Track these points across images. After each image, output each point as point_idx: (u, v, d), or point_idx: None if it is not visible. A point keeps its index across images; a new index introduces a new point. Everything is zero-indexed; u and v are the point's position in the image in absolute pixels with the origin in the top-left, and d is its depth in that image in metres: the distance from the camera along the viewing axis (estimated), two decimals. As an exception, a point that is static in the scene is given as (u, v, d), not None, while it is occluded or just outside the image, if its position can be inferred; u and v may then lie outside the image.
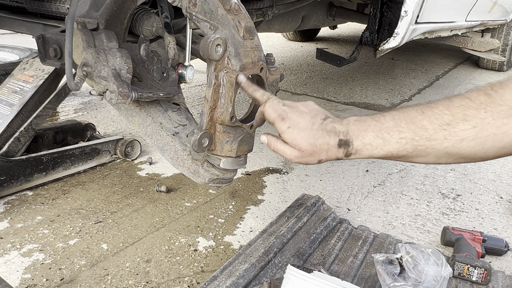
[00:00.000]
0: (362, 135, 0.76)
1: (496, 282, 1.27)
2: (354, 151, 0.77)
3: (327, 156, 0.79)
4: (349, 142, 0.77)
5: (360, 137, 0.76)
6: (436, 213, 1.76)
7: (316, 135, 0.78)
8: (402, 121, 0.73)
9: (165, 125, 1.05)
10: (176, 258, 1.41)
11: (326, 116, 0.81)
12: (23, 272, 1.31)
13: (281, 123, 0.80)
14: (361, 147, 0.76)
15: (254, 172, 2.06)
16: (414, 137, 0.71)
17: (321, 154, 0.79)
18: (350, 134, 0.77)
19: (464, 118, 0.67)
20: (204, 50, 0.85)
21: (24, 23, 1.54)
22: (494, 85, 0.66)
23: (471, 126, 0.66)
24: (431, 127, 0.70)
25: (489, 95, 0.66)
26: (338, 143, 0.78)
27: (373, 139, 0.75)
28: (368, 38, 1.90)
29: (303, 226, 1.44)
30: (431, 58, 5.05)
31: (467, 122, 0.66)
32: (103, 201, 1.73)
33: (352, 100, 3.31)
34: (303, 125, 0.79)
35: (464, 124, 0.67)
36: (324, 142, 0.78)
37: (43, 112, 1.77)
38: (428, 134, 0.70)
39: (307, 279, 0.86)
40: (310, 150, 0.79)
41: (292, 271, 0.88)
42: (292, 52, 5.04)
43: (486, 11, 3.05)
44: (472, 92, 0.68)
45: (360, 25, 3.03)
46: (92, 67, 0.91)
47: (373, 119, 0.77)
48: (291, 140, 0.80)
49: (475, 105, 0.66)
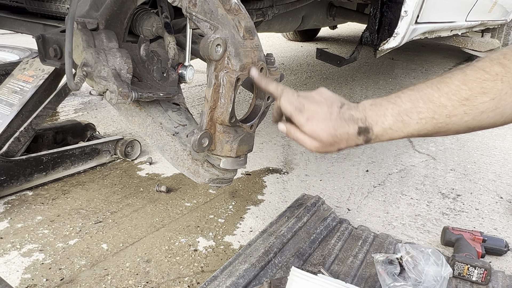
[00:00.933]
0: (382, 120, 0.75)
1: (496, 282, 1.27)
2: (374, 137, 0.77)
3: (347, 144, 0.79)
4: (369, 128, 0.76)
5: (379, 122, 0.75)
6: (436, 213, 1.76)
7: (335, 125, 0.77)
8: (420, 101, 0.72)
9: (165, 125, 1.05)
10: (176, 258, 1.41)
11: (342, 103, 0.80)
12: (23, 272, 1.31)
13: (299, 115, 0.79)
14: (381, 132, 0.76)
15: (254, 172, 2.06)
16: (434, 116, 0.71)
17: (341, 143, 0.79)
18: (368, 120, 0.76)
19: (482, 91, 0.66)
20: (204, 50, 0.85)
21: (24, 23, 1.53)
22: (506, 53, 0.67)
23: (490, 98, 0.66)
24: (450, 104, 0.69)
25: (503, 64, 0.66)
26: (357, 131, 0.77)
27: (393, 123, 0.74)
28: (368, 38, 1.90)
29: (303, 226, 1.44)
30: (431, 58, 5.05)
31: (485, 95, 0.66)
32: (103, 201, 1.73)
33: (352, 100, 3.30)
34: (321, 115, 0.78)
35: (482, 97, 0.66)
36: (344, 131, 0.77)
37: (43, 112, 1.77)
38: (447, 111, 0.69)
39: (310, 279, 0.86)
40: (330, 141, 0.78)
41: (296, 273, 0.89)
42: (292, 52, 5.04)
43: (486, 11, 3.05)
44: (485, 62, 0.68)
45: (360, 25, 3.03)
46: (92, 67, 0.91)
47: (389, 102, 0.75)
48: (311, 132, 0.79)
49: (491, 76, 0.66)
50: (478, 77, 0.67)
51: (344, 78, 3.97)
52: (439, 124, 0.71)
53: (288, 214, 1.50)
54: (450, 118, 0.70)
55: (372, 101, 0.78)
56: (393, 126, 0.74)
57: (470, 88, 0.67)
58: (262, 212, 1.72)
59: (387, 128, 0.75)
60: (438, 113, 0.70)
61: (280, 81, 1.02)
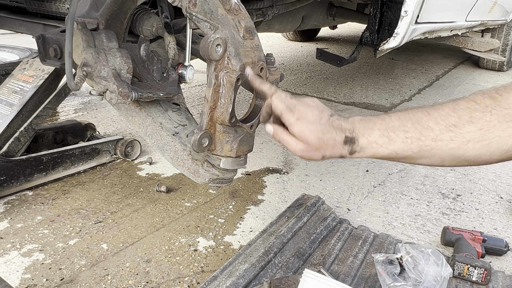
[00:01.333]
0: (368, 133, 0.76)
1: (496, 282, 1.27)
2: (359, 149, 0.77)
3: (331, 152, 0.79)
4: (355, 139, 0.77)
5: (365, 134, 0.76)
6: (436, 213, 1.76)
7: (324, 129, 0.78)
8: (408, 121, 0.73)
9: (165, 125, 1.05)
10: (176, 258, 1.41)
11: (332, 113, 0.81)
12: (23, 272, 1.31)
13: (289, 114, 0.80)
14: (366, 145, 0.76)
15: (254, 172, 2.06)
16: (420, 137, 0.71)
17: (326, 150, 0.79)
18: (355, 131, 0.77)
19: (470, 120, 0.67)
20: (204, 50, 0.85)
21: (24, 23, 1.54)
22: (499, 89, 0.67)
23: (477, 128, 0.66)
24: (437, 128, 0.70)
25: (494, 98, 0.66)
26: (344, 140, 0.77)
27: (379, 137, 0.75)
28: (368, 38, 1.90)
29: (303, 226, 1.44)
30: (431, 58, 5.05)
31: (473, 124, 0.67)
32: (103, 201, 1.73)
33: (352, 100, 3.31)
34: (311, 118, 0.79)
35: (470, 126, 0.67)
36: (331, 137, 0.78)
37: (43, 112, 1.77)
38: (434, 135, 0.70)
39: (321, 280, 0.88)
40: (317, 144, 0.78)
41: (308, 274, 0.91)
42: (292, 52, 5.04)
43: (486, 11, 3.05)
44: (477, 95, 0.69)
45: (360, 25, 3.03)
46: (92, 67, 0.91)
47: (378, 118, 0.77)
48: (299, 132, 0.79)
49: (480, 107, 0.67)
50: (468, 107, 0.68)
51: (344, 78, 3.97)
52: (425, 147, 0.71)
53: (288, 214, 1.50)
54: (436, 142, 0.70)
55: (362, 117, 0.80)
56: (378, 140, 0.75)
57: (459, 115, 0.68)
58: (262, 212, 1.72)
59: (372, 142, 0.76)
60: (424, 135, 0.71)
61: (280, 81, 1.02)
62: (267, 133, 0.85)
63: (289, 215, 1.49)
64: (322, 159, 0.81)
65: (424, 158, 0.73)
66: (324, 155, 0.80)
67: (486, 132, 0.66)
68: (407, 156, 0.74)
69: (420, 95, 3.54)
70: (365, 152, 0.77)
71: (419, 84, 3.91)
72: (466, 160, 0.70)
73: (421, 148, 0.72)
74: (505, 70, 4.49)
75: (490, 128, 0.66)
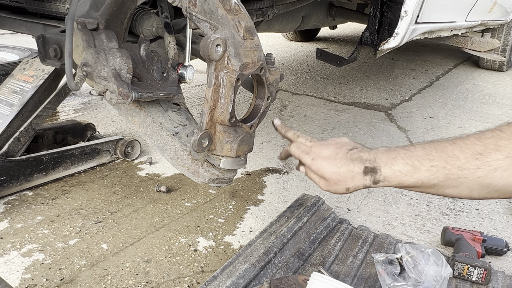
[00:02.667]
0: (391, 162, 0.76)
1: (496, 282, 1.27)
2: (382, 178, 0.77)
3: (353, 184, 0.80)
4: (376, 169, 0.77)
5: (388, 164, 0.76)
6: (436, 213, 1.76)
7: (339, 163, 0.80)
8: (433, 149, 0.73)
9: (165, 125, 1.05)
10: (176, 258, 1.41)
11: (354, 147, 0.83)
12: (23, 272, 1.31)
13: (305, 157, 0.86)
14: (389, 174, 0.76)
15: (254, 172, 2.06)
16: (445, 166, 0.70)
17: (346, 182, 0.80)
18: (377, 161, 0.78)
19: (496, 148, 0.66)
20: (204, 50, 0.85)
21: (24, 23, 1.54)
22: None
23: (504, 156, 0.66)
24: (463, 156, 0.69)
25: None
26: (363, 171, 0.78)
27: (402, 166, 0.75)
28: (368, 38, 1.90)
29: (303, 226, 1.44)
30: (431, 58, 5.05)
31: (499, 152, 0.66)
32: (103, 201, 1.73)
33: (352, 100, 3.31)
34: (326, 154, 0.83)
35: (496, 154, 0.66)
36: (348, 170, 0.79)
37: (43, 112, 1.77)
38: (460, 163, 0.69)
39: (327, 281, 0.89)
40: (335, 179, 0.81)
41: (316, 276, 0.92)
42: (292, 52, 5.04)
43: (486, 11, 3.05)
44: (503, 125, 0.69)
45: (360, 25, 3.03)
46: (92, 67, 0.91)
47: (402, 148, 0.77)
48: (316, 170, 0.83)
49: (506, 136, 0.66)
50: (494, 136, 0.68)
51: (344, 78, 3.97)
52: (451, 175, 0.70)
53: (288, 214, 1.50)
54: (462, 171, 0.69)
55: (387, 147, 0.80)
56: (402, 169, 0.75)
57: (484, 144, 0.68)
58: (262, 212, 1.72)
59: (396, 171, 0.75)
60: (450, 164, 0.70)
61: (280, 81, 1.02)
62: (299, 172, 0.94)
63: (289, 215, 1.49)
64: (347, 191, 0.82)
65: (451, 187, 0.72)
66: (347, 188, 0.81)
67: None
68: (434, 185, 0.73)
69: (420, 95, 3.54)
70: (390, 181, 0.76)
71: (419, 84, 3.91)
72: (495, 189, 0.68)
73: (447, 176, 0.71)
74: (505, 70, 4.49)
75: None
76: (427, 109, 3.17)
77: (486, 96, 3.60)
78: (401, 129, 2.72)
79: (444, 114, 3.07)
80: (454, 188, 0.72)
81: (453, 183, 0.71)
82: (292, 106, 3.09)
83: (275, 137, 2.45)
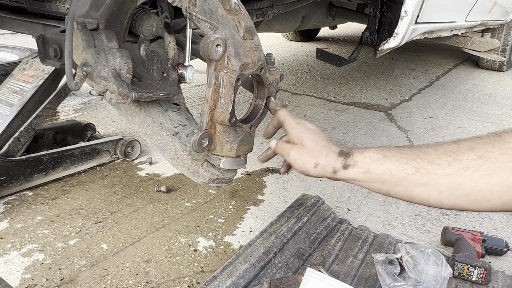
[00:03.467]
0: (364, 150, 0.78)
1: (496, 282, 1.27)
2: (353, 163, 0.78)
3: (325, 161, 0.80)
4: (350, 154, 0.79)
5: (361, 151, 0.78)
6: (436, 213, 1.76)
7: (321, 137, 0.83)
8: (406, 148, 0.74)
9: (165, 125, 1.05)
10: (176, 258, 1.41)
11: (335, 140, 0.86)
12: (23, 272, 1.31)
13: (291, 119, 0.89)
14: (360, 159, 0.77)
15: (254, 172, 2.06)
16: (415, 159, 0.70)
17: (320, 156, 0.81)
18: (352, 149, 0.80)
19: (470, 149, 0.65)
20: (204, 50, 0.85)
21: (24, 23, 1.53)
22: (505, 130, 0.67)
23: (477, 156, 0.64)
24: (435, 153, 0.69)
25: (498, 134, 0.65)
26: (339, 152, 0.80)
27: (374, 154, 0.76)
28: (368, 38, 1.90)
29: (303, 226, 1.44)
30: (431, 58, 5.05)
31: (473, 152, 0.65)
32: (103, 201, 1.73)
33: (352, 100, 3.31)
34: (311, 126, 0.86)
35: (469, 153, 0.65)
36: (327, 145, 0.81)
37: (43, 112, 1.77)
38: (431, 158, 0.69)
39: (323, 279, 0.88)
40: (311, 147, 0.82)
41: (310, 272, 0.91)
42: (292, 52, 5.04)
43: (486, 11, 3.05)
44: (481, 135, 0.68)
45: (360, 25, 3.03)
46: (92, 67, 0.91)
47: (378, 147, 0.78)
48: (296, 133, 0.85)
49: (483, 140, 0.66)
50: (471, 140, 0.67)
51: (344, 78, 3.97)
52: (420, 169, 0.69)
53: (288, 214, 1.50)
54: (432, 165, 0.68)
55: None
56: (372, 156, 0.75)
57: (459, 145, 0.67)
58: (262, 212, 1.72)
59: (367, 156, 0.76)
60: (421, 158, 0.70)
61: (280, 81, 1.02)
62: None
63: (289, 215, 1.49)
64: (314, 167, 0.82)
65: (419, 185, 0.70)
66: (317, 163, 0.81)
67: (486, 162, 0.63)
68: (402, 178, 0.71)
69: (420, 95, 3.54)
70: (359, 166, 0.77)
71: (419, 84, 3.91)
72: (465, 193, 0.66)
73: (417, 170, 0.69)
74: (505, 70, 4.49)
75: (490, 158, 0.63)
76: (427, 109, 3.17)
77: (486, 96, 3.60)
78: (401, 129, 2.72)
79: (444, 114, 3.07)
80: (423, 187, 0.69)
81: (422, 179, 0.69)
82: (292, 106, 3.09)
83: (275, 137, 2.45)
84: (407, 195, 0.72)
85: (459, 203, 0.67)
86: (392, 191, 0.74)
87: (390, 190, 0.74)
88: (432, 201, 0.69)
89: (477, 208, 0.66)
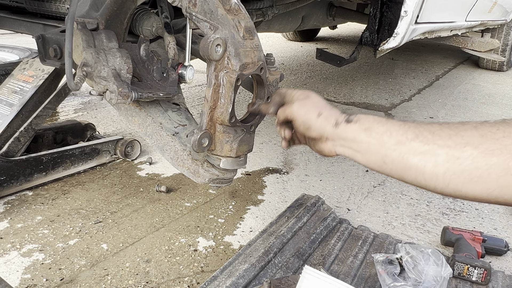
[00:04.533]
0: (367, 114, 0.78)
1: (496, 282, 1.27)
2: (356, 119, 0.77)
3: (329, 113, 0.80)
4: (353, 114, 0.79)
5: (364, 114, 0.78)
6: (436, 213, 1.76)
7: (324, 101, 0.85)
8: (409, 121, 0.73)
9: (165, 125, 1.05)
10: (176, 258, 1.41)
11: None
12: (23, 272, 1.31)
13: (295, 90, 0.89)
14: (363, 117, 0.76)
15: (254, 172, 2.06)
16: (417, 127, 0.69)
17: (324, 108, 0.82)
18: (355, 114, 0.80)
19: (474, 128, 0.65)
20: (204, 50, 0.85)
21: (24, 23, 1.54)
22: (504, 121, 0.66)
23: (479, 135, 0.63)
24: (438, 126, 0.68)
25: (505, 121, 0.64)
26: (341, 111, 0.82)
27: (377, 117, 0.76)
28: (368, 38, 1.90)
29: (303, 226, 1.44)
30: (431, 58, 5.05)
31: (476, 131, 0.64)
32: (103, 201, 1.73)
33: (352, 100, 3.31)
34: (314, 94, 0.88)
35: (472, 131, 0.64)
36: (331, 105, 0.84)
37: (43, 112, 1.77)
38: (433, 129, 0.68)
39: (321, 277, 0.88)
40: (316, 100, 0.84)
41: (308, 270, 0.91)
42: (292, 52, 5.04)
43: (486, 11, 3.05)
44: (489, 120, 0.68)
45: (360, 25, 3.03)
46: (92, 67, 0.91)
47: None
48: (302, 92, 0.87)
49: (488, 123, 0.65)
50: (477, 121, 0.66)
51: (344, 78, 3.97)
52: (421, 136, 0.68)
53: (288, 214, 1.50)
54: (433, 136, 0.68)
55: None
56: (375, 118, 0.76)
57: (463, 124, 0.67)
58: (262, 212, 1.72)
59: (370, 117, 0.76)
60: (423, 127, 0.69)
61: (280, 81, 1.02)
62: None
63: (289, 215, 1.49)
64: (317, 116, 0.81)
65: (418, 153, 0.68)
66: (320, 112, 0.81)
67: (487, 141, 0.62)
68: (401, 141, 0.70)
69: (420, 95, 3.54)
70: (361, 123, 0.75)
71: (419, 84, 3.91)
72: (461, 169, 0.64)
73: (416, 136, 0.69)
74: (505, 70, 4.49)
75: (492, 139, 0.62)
76: (427, 109, 3.17)
77: (486, 96, 3.60)
78: (401, 129, 2.72)
79: (444, 114, 3.07)
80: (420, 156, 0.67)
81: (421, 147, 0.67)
82: (292, 106, 3.08)
83: (275, 137, 2.45)
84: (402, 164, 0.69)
85: (455, 180, 0.64)
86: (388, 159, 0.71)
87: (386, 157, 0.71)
88: (427, 173, 0.66)
89: (472, 191, 0.63)
